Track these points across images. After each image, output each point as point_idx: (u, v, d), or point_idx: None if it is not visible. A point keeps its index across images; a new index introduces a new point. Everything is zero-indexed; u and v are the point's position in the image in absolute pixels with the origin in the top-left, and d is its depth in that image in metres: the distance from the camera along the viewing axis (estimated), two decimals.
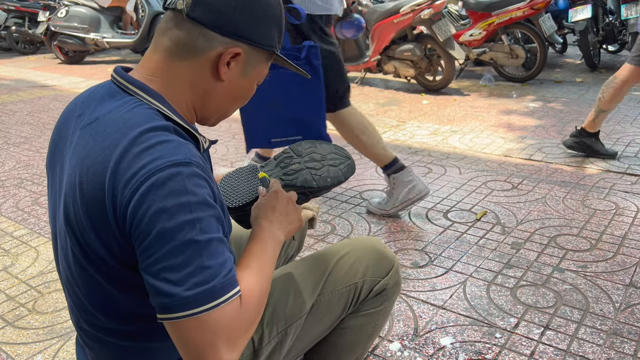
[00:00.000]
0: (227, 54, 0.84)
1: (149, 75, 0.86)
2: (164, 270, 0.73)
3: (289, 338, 1.07)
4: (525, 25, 5.22)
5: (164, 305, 0.73)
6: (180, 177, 0.75)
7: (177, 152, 0.77)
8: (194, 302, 0.72)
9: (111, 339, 0.88)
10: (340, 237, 2.33)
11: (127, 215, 0.74)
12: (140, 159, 0.75)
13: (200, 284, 0.73)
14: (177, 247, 0.73)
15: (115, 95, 0.84)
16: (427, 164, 3.26)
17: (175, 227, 0.73)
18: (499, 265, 2.06)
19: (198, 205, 0.75)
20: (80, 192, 0.79)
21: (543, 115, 4.28)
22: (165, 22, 0.86)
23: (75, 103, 0.91)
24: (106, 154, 0.77)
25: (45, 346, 1.67)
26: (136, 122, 0.79)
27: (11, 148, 3.80)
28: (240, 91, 0.92)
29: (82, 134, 0.82)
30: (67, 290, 0.91)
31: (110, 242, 0.78)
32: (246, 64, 0.88)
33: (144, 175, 0.74)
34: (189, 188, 0.75)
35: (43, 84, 6.38)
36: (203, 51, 0.84)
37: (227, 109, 0.94)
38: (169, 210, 0.73)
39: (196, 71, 0.85)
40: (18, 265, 2.16)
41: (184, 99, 0.87)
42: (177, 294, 0.72)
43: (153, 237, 0.73)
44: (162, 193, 0.73)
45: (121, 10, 7.85)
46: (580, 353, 1.56)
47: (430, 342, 1.63)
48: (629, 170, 3.01)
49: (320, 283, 1.12)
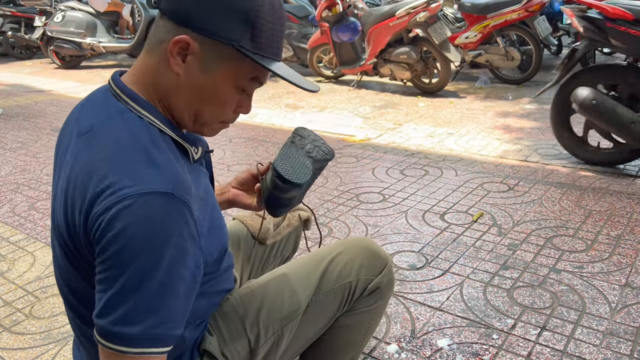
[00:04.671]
0: (174, 42, 0.80)
1: (132, 76, 0.87)
2: (109, 298, 0.74)
3: (285, 338, 1.08)
4: (520, 27, 5.24)
5: (98, 329, 0.75)
6: (154, 208, 0.73)
7: (161, 179, 0.75)
8: (119, 338, 0.74)
9: None
10: (337, 240, 2.33)
11: (94, 228, 0.74)
12: (124, 179, 0.74)
13: (136, 323, 0.74)
14: (127, 279, 0.73)
15: (109, 103, 0.85)
16: (424, 166, 3.27)
17: (128, 257, 0.72)
18: (496, 266, 2.06)
19: (162, 242, 0.74)
20: (64, 199, 0.80)
21: (539, 117, 4.30)
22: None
23: (77, 107, 0.92)
24: (93, 167, 0.77)
25: (42, 351, 1.66)
26: (125, 137, 0.79)
27: (7, 153, 3.80)
28: (205, 91, 0.84)
29: (77, 142, 0.83)
30: (61, 288, 0.92)
31: (82, 248, 0.79)
32: (204, 59, 0.82)
33: (120, 197, 0.73)
34: (159, 222, 0.73)
35: (39, 89, 6.37)
36: (162, 43, 0.82)
37: (197, 109, 0.86)
38: (133, 239, 0.72)
39: (156, 64, 0.84)
40: (15, 271, 2.16)
41: (155, 97, 0.86)
42: (105, 326, 0.74)
43: (110, 259, 0.73)
44: (131, 220, 0.72)
45: (117, 15, 7.85)
46: (577, 353, 1.56)
47: (427, 344, 1.63)
48: (624, 171, 3.02)
49: (315, 283, 1.12)
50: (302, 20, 6.54)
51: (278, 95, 5.63)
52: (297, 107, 5.06)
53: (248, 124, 4.39)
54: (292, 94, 5.68)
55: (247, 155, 3.58)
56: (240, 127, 4.30)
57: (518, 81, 5.61)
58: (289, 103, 5.24)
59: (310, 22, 6.48)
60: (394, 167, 3.27)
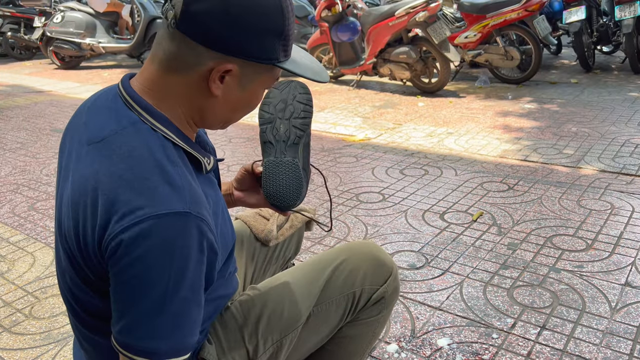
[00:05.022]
0: (217, 71, 0.80)
1: (145, 87, 0.83)
2: (134, 318, 0.75)
3: (285, 348, 1.06)
4: (519, 27, 5.24)
5: (119, 342, 0.77)
6: (173, 229, 0.73)
7: (177, 198, 0.75)
8: (142, 351, 0.75)
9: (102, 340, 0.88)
10: (336, 240, 2.34)
11: (109, 248, 0.74)
12: (140, 198, 0.73)
13: (159, 338, 0.75)
14: (152, 302, 0.74)
15: (119, 111, 0.83)
16: (423, 165, 3.27)
17: (149, 281, 0.73)
18: (496, 266, 2.06)
19: (183, 263, 0.74)
20: (74, 210, 0.78)
21: (538, 117, 4.30)
22: (161, 32, 0.83)
23: (82, 108, 0.90)
24: (108, 182, 0.75)
25: (42, 352, 1.66)
26: (140, 152, 0.77)
27: (7, 154, 3.80)
28: (240, 103, 0.87)
29: (89, 151, 0.80)
30: (63, 292, 0.91)
31: (91, 261, 0.79)
32: (242, 77, 0.83)
33: (138, 217, 0.72)
34: (179, 243, 0.74)
35: (39, 89, 6.37)
36: (194, 67, 0.80)
37: (229, 119, 0.89)
38: (155, 264, 0.73)
39: (189, 86, 0.82)
40: (15, 271, 2.16)
41: (180, 113, 0.84)
42: (129, 342, 0.76)
43: (127, 281, 0.74)
44: (150, 244, 0.72)
45: (117, 16, 7.85)
46: (577, 353, 1.57)
47: (427, 344, 1.63)
48: (624, 170, 3.02)
49: (317, 292, 1.10)
50: (302, 20, 6.54)
51: None
52: None
53: (248, 124, 4.39)
54: None
55: (247, 155, 3.58)
56: (240, 127, 4.30)
57: (518, 81, 5.61)
58: None
59: (309, 22, 6.48)
60: (393, 166, 3.27)
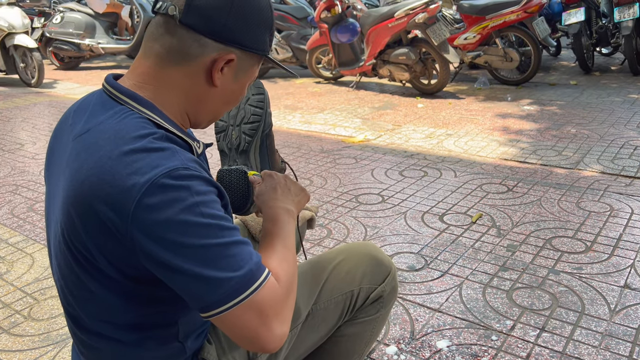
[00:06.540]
0: (221, 60, 0.83)
1: (140, 82, 0.85)
2: (197, 274, 0.74)
3: (285, 346, 1.06)
4: (519, 28, 5.25)
5: (211, 302, 0.75)
6: (181, 181, 0.74)
7: (172, 158, 0.76)
8: (237, 290, 0.75)
9: (101, 346, 0.88)
10: (336, 241, 2.34)
11: (135, 230, 0.73)
12: (137, 168, 0.73)
13: (237, 270, 0.75)
14: (200, 249, 0.74)
15: (106, 105, 0.83)
16: (423, 167, 3.27)
17: (191, 232, 0.73)
18: (495, 267, 2.06)
19: (207, 204, 0.76)
20: (75, 205, 0.77)
21: (538, 118, 4.30)
22: (156, 28, 0.84)
23: (69, 112, 0.90)
24: (100, 166, 0.75)
25: (41, 353, 1.66)
26: (127, 131, 0.78)
27: (6, 154, 3.79)
28: (232, 95, 0.91)
29: (75, 145, 0.81)
30: (61, 297, 0.91)
31: (112, 253, 0.77)
32: (239, 69, 0.87)
33: (144, 185, 0.72)
34: (194, 189, 0.75)
35: (38, 90, 6.37)
36: (196, 57, 0.82)
37: (218, 112, 0.93)
38: (180, 217, 0.73)
39: (189, 77, 0.84)
40: (13, 272, 2.16)
41: (176, 105, 0.86)
42: (215, 291, 0.74)
43: (171, 247, 0.73)
44: (167, 201, 0.72)
45: (116, 16, 7.85)
46: (576, 355, 1.57)
47: (426, 345, 1.63)
48: (623, 172, 3.02)
49: (316, 291, 1.11)
50: (301, 21, 6.54)
51: (277, 97, 5.63)
52: (297, 108, 5.06)
53: None
54: (291, 95, 5.68)
55: None
56: None
57: (517, 82, 5.62)
58: (288, 104, 5.24)
59: (309, 23, 6.48)
60: (393, 168, 3.27)
